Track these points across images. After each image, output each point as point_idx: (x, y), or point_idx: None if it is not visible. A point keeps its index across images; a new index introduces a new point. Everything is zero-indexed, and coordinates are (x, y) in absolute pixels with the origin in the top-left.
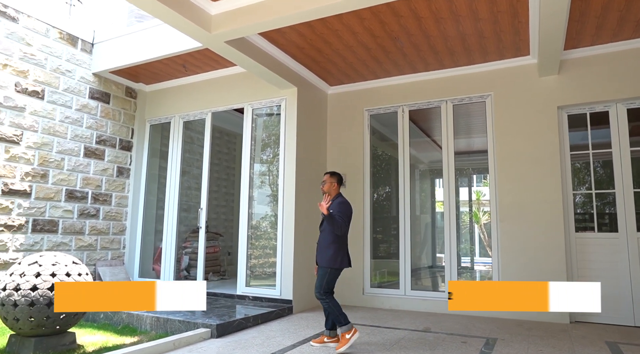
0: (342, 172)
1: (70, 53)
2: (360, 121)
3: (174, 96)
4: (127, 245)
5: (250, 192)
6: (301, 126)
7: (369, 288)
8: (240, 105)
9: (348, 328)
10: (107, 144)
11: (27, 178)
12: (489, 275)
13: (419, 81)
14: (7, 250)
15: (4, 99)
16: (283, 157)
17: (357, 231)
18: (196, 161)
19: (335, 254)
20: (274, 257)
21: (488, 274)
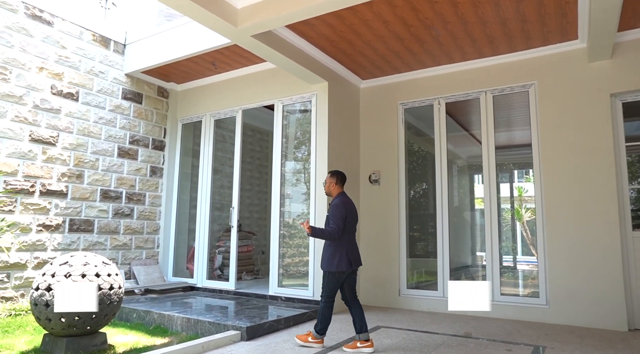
0: (376, 169)
1: (103, 54)
2: (394, 115)
3: (205, 94)
4: (161, 244)
5: (282, 190)
6: (333, 121)
7: (405, 289)
8: (270, 101)
9: (317, 336)
10: (140, 144)
11: (63, 179)
12: (532, 275)
13: (456, 72)
14: (45, 249)
15: (41, 102)
16: (314, 154)
17: (392, 230)
18: (228, 160)
19: (331, 257)
20: (307, 256)
21: (532, 275)
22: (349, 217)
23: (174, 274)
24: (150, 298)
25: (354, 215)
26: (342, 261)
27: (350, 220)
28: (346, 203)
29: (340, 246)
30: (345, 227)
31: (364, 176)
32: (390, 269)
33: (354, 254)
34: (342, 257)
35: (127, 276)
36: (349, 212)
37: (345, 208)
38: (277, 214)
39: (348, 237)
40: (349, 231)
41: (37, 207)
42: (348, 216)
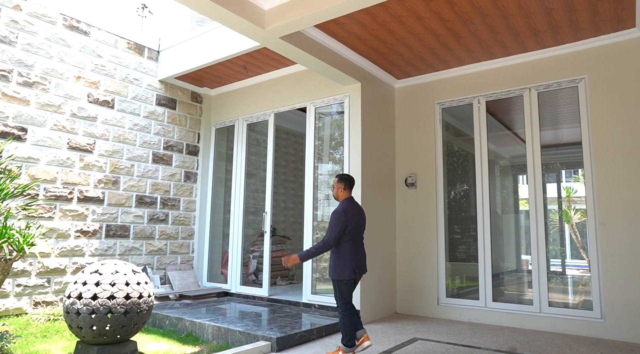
0: (412, 172)
1: (137, 62)
2: (430, 115)
3: (237, 98)
4: (196, 249)
5: (315, 193)
6: (366, 123)
7: (444, 298)
8: (302, 104)
9: (347, 350)
10: (175, 149)
11: (100, 185)
12: (583, 281)
13: (497, 68)
14: (83, 255)
15: (78, 110)
16: (347, 156)
17: (430, 235)
18: (262, 164)
19: (335, 265)
20: None
21: (582, 280)
22: (350, 224)
23: (209, 279)
24: (184, 304)
25: (358, 221)
26: (345, 269)
27: (353, 227)
28: (348, 210)
29: (343, 254)
30: (345, 234)
31: (399, 180)
32: (428, 276)
33: (358, 261)
34: (345, 265)
35: (163, 281)
36: (350, 219)
37: (346, 215)
38: (311, 218)
39: (351, 244)
40: (351, 238)
41: (75, 214)
42: (349, 223)
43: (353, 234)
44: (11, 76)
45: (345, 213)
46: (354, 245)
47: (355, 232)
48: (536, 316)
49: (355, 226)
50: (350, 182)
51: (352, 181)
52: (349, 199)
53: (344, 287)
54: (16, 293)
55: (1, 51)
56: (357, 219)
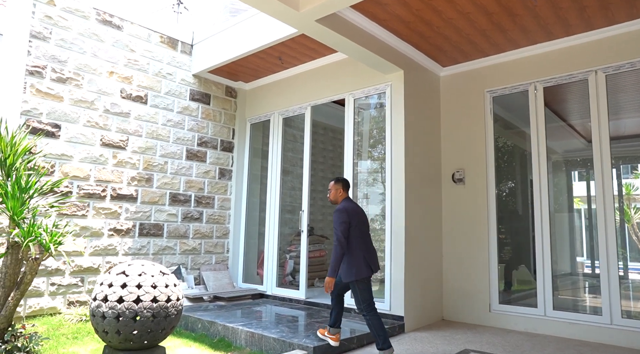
0: (460, 167)
1: (170, 56)
2: (480, 105)
3: (273, 92)
4: (231, 249)
5: (354, 191)
6: (410, 114)
7: (497, 304)
8: (341, 96)
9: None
10: (209, 145)
11: (133, 182)
12: None
13: (557, 50)
14: (117, 253)
15: (111, 106)
16: (390, 151)
17: (480, 235)
18: (299, 160)
19: (349, 267)
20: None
21: None
22: (354, 220)
23: (244, 280)
24: (218, 306)
25: (361, 217)
26: (360, 268)
27: (357, 223)
28: (349, 207)
29: (356, 253)
30: (352, 231)
31: (446, 175)
32: (478, 280)
33: (372, 258)
34: (360, 263)
35: (197, 282)
36: (352, 215)
37: (347, 211)
38: None
39: (360, 241)
40: (359, 235)
41: (108, 212)
42: (352, 219)
43: (360, 231)
44: (45, 72)
45: (346, 210)
46: (362, 242)
47: (360, 229)
48: (607, 328)
49: (360, 222)
50: (346, 184)
51: (348, 183)
52: (347, 199)
53: (363, 287)
54: (50, 292)
55: (35, 47)
56: (359, 215)
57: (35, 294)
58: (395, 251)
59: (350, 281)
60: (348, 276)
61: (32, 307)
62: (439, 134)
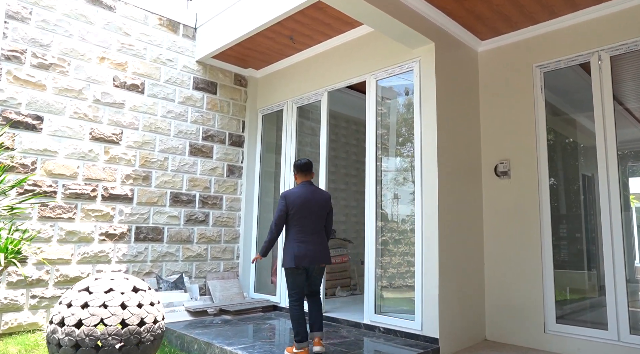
0: (504, 158)
1: (170, 40)
2: (527, 83)
3: (285, 78)
4: (241, 254)
5: (378, 189)
6: (442, 96)
7: (553, 324)
8: (361, 78)
9: (298, 346)
10: (215, 139)
11: (128, 181)
12: None
13: (627, 10)
14: (109, 261)
15: (102, 96)
16: (419, 140)
17: (531, 237)
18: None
19: (283, 254)
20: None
21: None
22: (293, 209)
23: (256, 290)
24: (223, 321)
25: (307, 206)
26: (286, 256)
27: (298, 210)
28: (294, 192)
29: (288, 241)
30: (290, 218)
31: (487, 168)
32: (528, 292)
33: (301, 250)
34: (287, 252)
35: (202, 291)
36: (294, 201)
37: (287, 199)
38: (373, 222)
39: (296, 230)
40: (298, 223)
41: (99, 214)
42: (290, 207)
43: (300, 219)
44: (24, 57)
45: (286, 197)
46: (299, 232)
47: (302, 218)
48: None
49: (304, 209)
50: (302, 167)
51: (302, 166)
52: (302, 184)
53: (288, 276)
54: (31, 306)
55: (12, 29)
56: (306, 202)
57: (13, 308)
58: (428, 258)
59: (283, 267)
60: (282, 262)
61: (8, 323)
62: (477, 120)
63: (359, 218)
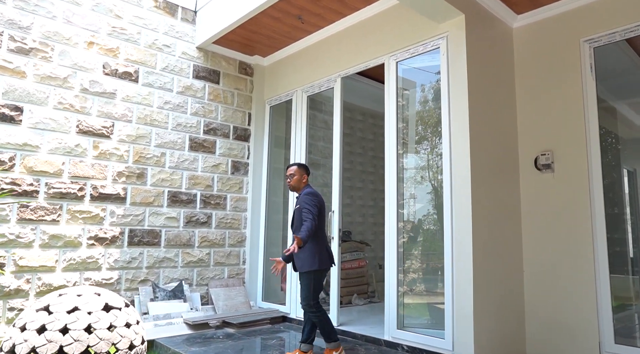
0: (546, 149)
1: (168, 24)
2: (573, 61)
3: (294, 65)
4: (248, 259)
5: (399, 188)
6: (475, 78)
7: (612, 344)
8: (379, 60)
9: (336, 345)
10: (218, 133)
11: (120, 179)
12: None
13: None
14: (99, 268)
15: (90, 84)
16: (447, 129)
17: (580, 241)
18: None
19: (312, 255)
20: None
21: None
22: (322, 209)
23: (265, 298)
24: (225, 335)
25: (324, 209)
26: (323, 257)
27: (322, 213)
28: (317, 193)
29: (320, 242)
30: (318, 219)
31: (525, 160)
32: (578, 306)
33: (325, 251)
34: (322, 252)
35: (205, 301)
36: (322, 203)
37: (319, 198)
38: (394, 225)
39: (322, 232)
40: (322, 226)
41: (87, 216)
42: (321, 207)
43: (323, 222)
44: (0, 41)
45: (317, 196)
46: (323, 234)
47: (322, 219)
48: None
49: (323, 212)
50: (309, 170)
51: (309, 170)
52: (310, 186)
53: (319, 278)
54: (8, 319)
55: None
56: (324, 206)
57: None
58: (460, 266)
59: (308, 270)
60: (310, 264)
61: None
62: (513, 106)
63: (377, 219)
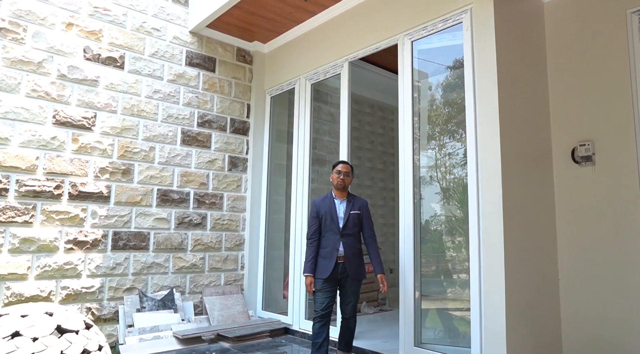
0: (585, 138)
1: (157, 6)
2: (618, 36)
3: (297, 50)
4: (247, 264)
5: (415, 188)
6: (504, 57)
7: None
8: (391, 40)
9: None
10: (214, 126)
11: (103, 176)
12: None
13: None
14: (78, 275)
15: (69, 70)
16: (472, 119)
17: (628, 243)
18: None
19: (363, 264)
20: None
21: None
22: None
23: (265, 307)
24: (220, 350)
25: None
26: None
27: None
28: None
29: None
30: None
31: (560, 152)
32: (624, 322)
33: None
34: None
35: (199, 310)
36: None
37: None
38: (411, 220)
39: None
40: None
41: (65, 217)
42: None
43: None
44: None
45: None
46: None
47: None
48: None
49: None
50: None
51: None
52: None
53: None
54: None
55: None
56: None
57: None
58: (489, 275)
59: (362, 280)
60: (364, 273)
61: None
62: (545, 90)
63: (387, 219)
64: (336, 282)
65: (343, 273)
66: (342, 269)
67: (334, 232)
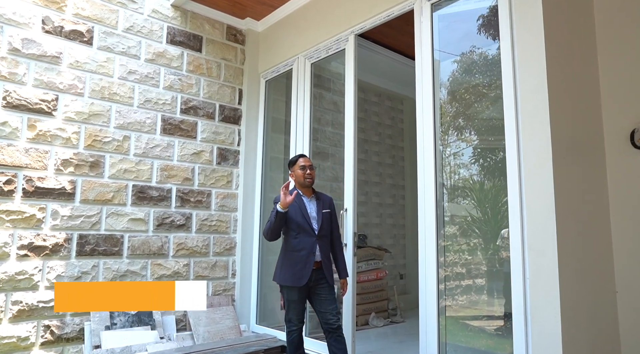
0: None
1: None
2: None
3: (295, 26)
4: (238, 271)
5: (437, 178)
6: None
7: None
8: (406, 4)
9: None
10: (200, 113)
11: (66, 169)
12: None
13: None
14: (34, 287)
15: (23, 44)
16: (512, 99)
17: None
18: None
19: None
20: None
21: None
22: None
23: (260, 320)
24: None
25: None
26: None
27: None
28: None
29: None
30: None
31: (614, 135)
32: None
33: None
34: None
35: (182, 325)
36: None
37: None
38: (433, 219)
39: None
40: None
41: (17, 217)
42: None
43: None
44: None
45: None
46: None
47: None
48: None
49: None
50: None
51: None
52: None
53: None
54: None
55: None
56: None
57: None
58: (538, 287)
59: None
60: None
61: None
62: (595, 63)
63: (396, 220)
64: (307, 290)
65: (319, 279)
66: (319, 275)
67: (309, 235)
